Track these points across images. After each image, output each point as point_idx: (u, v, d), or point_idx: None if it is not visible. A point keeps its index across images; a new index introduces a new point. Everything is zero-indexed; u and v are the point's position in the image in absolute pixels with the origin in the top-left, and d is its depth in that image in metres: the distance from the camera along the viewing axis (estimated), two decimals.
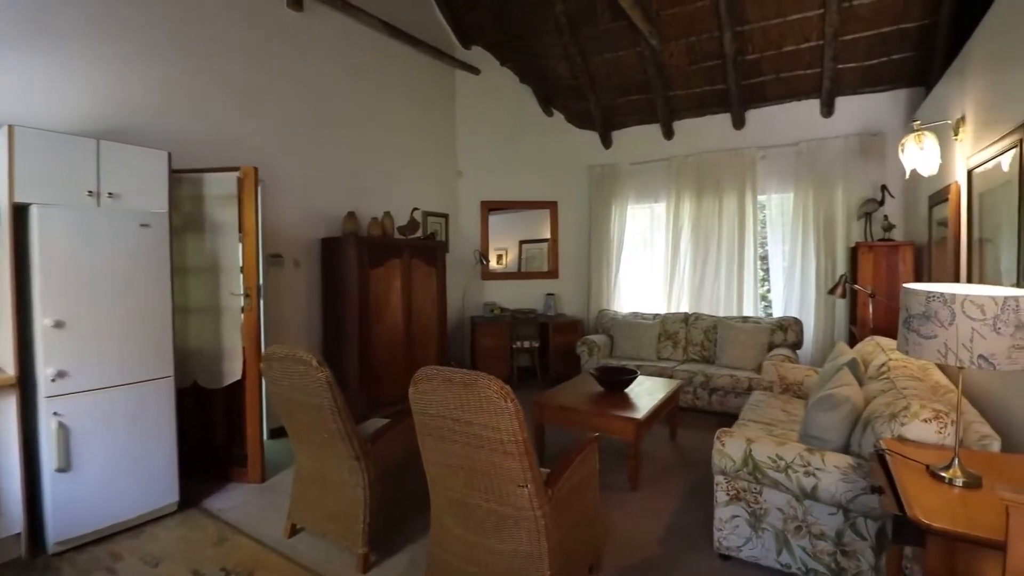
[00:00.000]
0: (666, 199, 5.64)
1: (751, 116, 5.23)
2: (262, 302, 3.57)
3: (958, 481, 1.54)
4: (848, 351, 3.31)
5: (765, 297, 5.55)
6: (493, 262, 6.11)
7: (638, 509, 2.85)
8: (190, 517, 2.75)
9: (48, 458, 2.31)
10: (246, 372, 3.07)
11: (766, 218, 5.36)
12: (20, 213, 2.30)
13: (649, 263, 5.91)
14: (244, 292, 3.09)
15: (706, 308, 5.37)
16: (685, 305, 5.53)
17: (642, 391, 3.62)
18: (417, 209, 5.05)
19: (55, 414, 2.32)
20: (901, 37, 4.16)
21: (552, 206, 6.19)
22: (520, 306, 5.97)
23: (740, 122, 5.25)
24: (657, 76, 5.09)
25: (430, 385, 1.74)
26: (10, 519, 2.25)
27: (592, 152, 6.07)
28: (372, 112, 4.88)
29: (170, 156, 2.78)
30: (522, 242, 6.27)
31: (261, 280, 3.29)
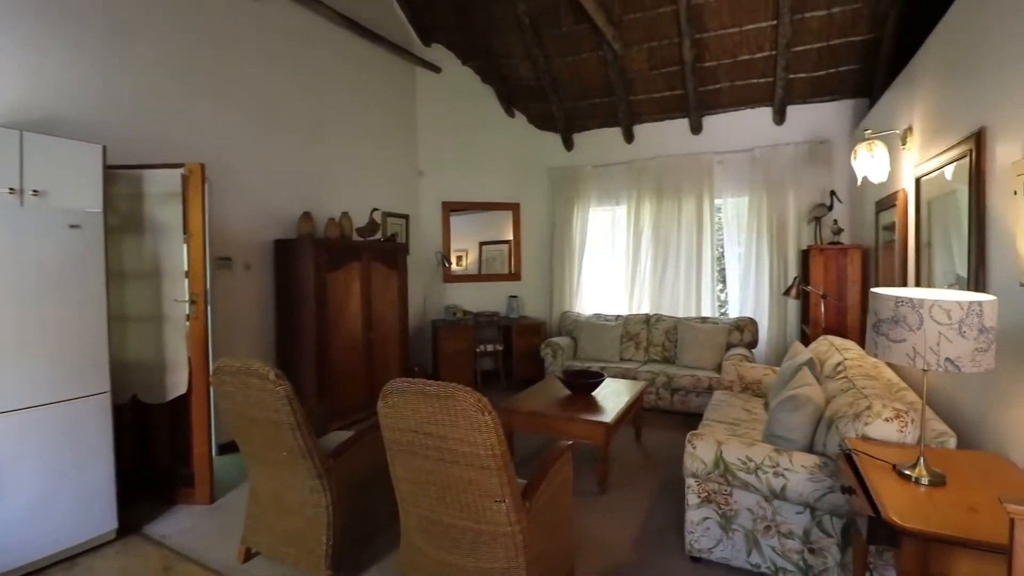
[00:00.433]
0: (627, 201, 5.71)
1: (708, 122, 5.36)
2: (209, 309, 3.33)
3: (924, 480, 1.59)
4: (804, 351, 3.43)
5: (721, 298, 5.71)
6: (454, 264, 6.00)
7: (608, 513, 2.83)
8: (131, 545, 2.52)
9: None
10: (192, 385, 2.85)
11: (722, 221, 5.51)
12: None
13: (611, 265, 5.96)
14: (189, 298, 2.87)
15: (666, 309, 5.47)
16: (646, 306, 5.61)
17: (609, 393, 3.63)
18: (377, 210, 4.89)
19: None
20: (848, 50, 4.36)
21: (514, 207, 6.15)
22: (483, 309, 5.89)
23: (698, 127, 5.37)
24: (619, 80, 5.14)
25: (402, 399, 1.65)
26: None
27: (554, 154, 6.08)
28: (330, 108, 4.68)
29: (105, 150, 2.54)
30: (482, 243, 6.19)
31: (208, 285, 3.07)
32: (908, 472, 1.62)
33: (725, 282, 5.63)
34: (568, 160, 6.00)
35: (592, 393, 3.57)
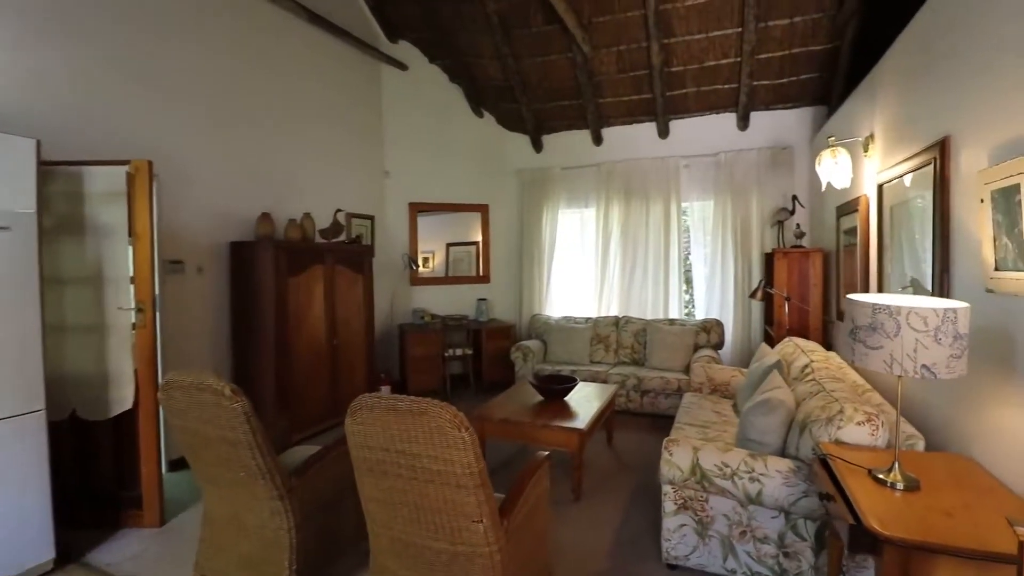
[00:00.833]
0: (596, 204, 5.72)
1: (675, 126, 5.42)
2: (158, 316, 3.12)
3: (899, 485, 1.60)
4: (771, 352, 3.49)
5: (686, 299, 5.79)
6: (420, 266, 5.86)
7: (583, 521, 2.79)
8: (71, 575, 2.31)
9: None
10: (139, 399, 2.64)
11: (689, 225, 5.58)
12: None
13: (580, 267, 5.96)
14: (136, 306, 2.66)
15: (635, 311, 5.50)
16: (615, 308, 5.63)
17: (581, 398, 3.59)
18: (341, 210, 4.71)
19: None
20: (808, 59, 4.49)
21: (483, 209, 6.06)
22: (451, 312, 5.78)
23: (665, 131, 5.43)
24: (588, 82, 5.13)
25: (371, 415, 1.54)
26: None
27: (523, 155, 6.03)
28: (291, 105, 4.47)
29: (39, 145, 2.32)
30: (449, 245, 6.08)
31: (157, 291, 2.86)
32: (883, 477, 1.64)
33: (691, 284, 5.71)
34: (537, 162, 5.96)
35: (565, 398, 3.52)
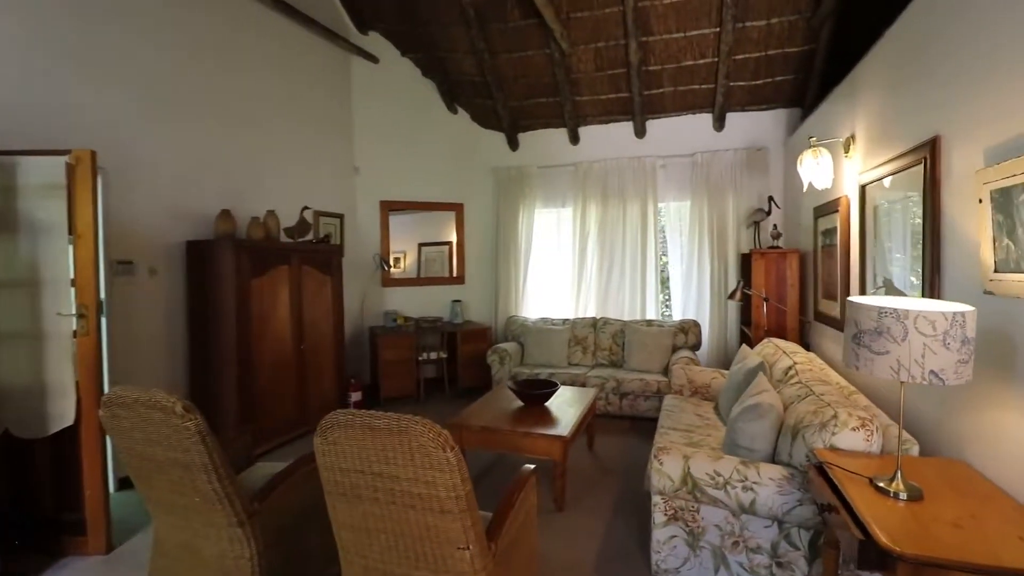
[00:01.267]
0: (573, 204, 5.64)
1: (651, 126, 5.39)
2: (104, 322, 2.86)
3: (902, 495, 1.54)
4: (752, 354, 3.45)
5: (662, 299, 5.77)
6: (392, 267, 5.66)
7: (568, 532, 2.68)
8: None
9: None
10: (82, 415, 2.39)
11: (665, 225, 5.56)
12: None
13: (557, 268, 5.86)
14: (78, 311, 2.41)
15: (612, 312, 5.44)
16: (592, 310, 5.56)
17: (562, 403, 3.48)
18: (308, 208, 4.48)
19: None
20: (784, 60, 4.51)
21: (458, 208, 5.90)
22: (424, 314, 5.60)
23: (642, 131, 5.39)
24: (565, 80, 5.04)
25: (345, 434, 1.38)
26: None
27: (498, 154, 5.89)
28: (254, 95, 4.21)
29: None
30: (421, 245, 5.89)
31: (103, 294, 2.61)
32: (885, 486, 1.57)
33: (668, 285, 5.69)
34: (513, 160, 5.84)
35: (546, 403, 3.41)
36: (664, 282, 5.69)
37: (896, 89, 2.44)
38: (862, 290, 2.86)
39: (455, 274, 5.93)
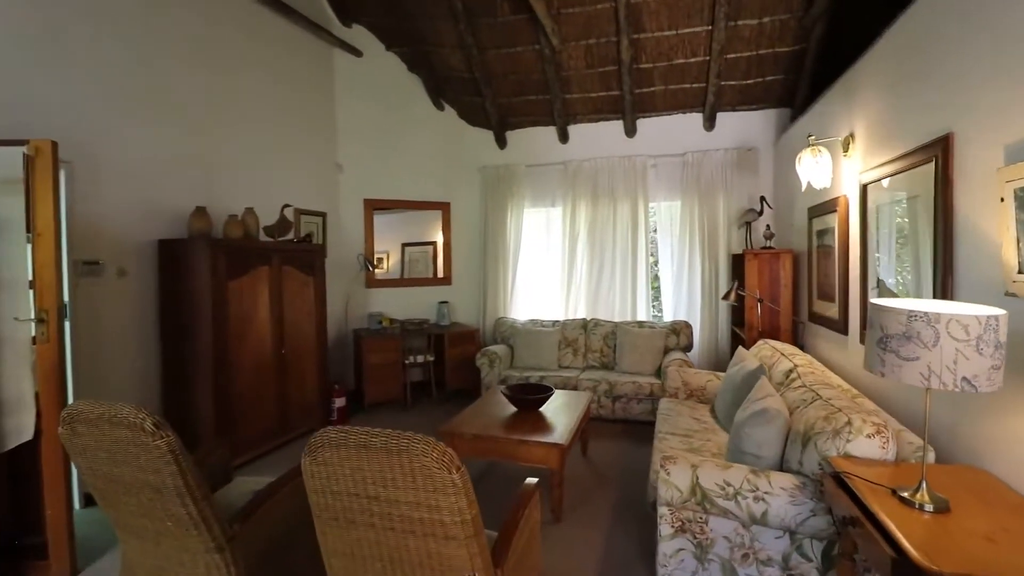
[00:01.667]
0: (562, 203, 5.54)
1: (642, 125, 5.32)
2: (68, 328, 2.65)
3: (928, 506, 1.46)
4: (749, 356, 3.40)
5: (656, 299, 5.71)
6: (376, 267, 5.48)
7: (567, 544, 2.57)
8: None
9: None
10: (43, 429, 2.20)
11: (656, 225, 5.50)
12: None
13: (546, 269, 5.76)
14: (37, 316, 2.21)
15: (603, 314, 5.36)
16: (582, 311, 5.47)
17: (556, 408, 3.38)
18: (289, 206, 4.29)
19: None
20: (775, 60, 4.48)
21: (445, 207, 5.75)
22: (410, 316, 5.44)
23: (632, 130, 5.32)
24: (555, 77, 4.94)
25: (336, 454, 1.25)
26: None
27: (486, 152, 5.77)
28: (232, 87, 4.01)
29: None
30: (405, 245, 5.72)
31: (67, 297, 2.42)
32: (910, 497, 1.50)
33: (660, 285, 5.63)
34: (501, 159, 5.72)
35: (540, 409, 3.30)
36: (655, 282, 5.63)
37: (899, 86, 2.38)
38: (862, 290, 2.81)
39: (441, 275, 5.78)
